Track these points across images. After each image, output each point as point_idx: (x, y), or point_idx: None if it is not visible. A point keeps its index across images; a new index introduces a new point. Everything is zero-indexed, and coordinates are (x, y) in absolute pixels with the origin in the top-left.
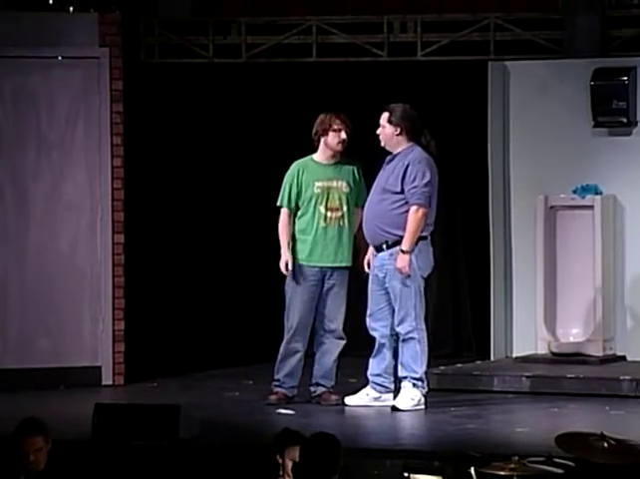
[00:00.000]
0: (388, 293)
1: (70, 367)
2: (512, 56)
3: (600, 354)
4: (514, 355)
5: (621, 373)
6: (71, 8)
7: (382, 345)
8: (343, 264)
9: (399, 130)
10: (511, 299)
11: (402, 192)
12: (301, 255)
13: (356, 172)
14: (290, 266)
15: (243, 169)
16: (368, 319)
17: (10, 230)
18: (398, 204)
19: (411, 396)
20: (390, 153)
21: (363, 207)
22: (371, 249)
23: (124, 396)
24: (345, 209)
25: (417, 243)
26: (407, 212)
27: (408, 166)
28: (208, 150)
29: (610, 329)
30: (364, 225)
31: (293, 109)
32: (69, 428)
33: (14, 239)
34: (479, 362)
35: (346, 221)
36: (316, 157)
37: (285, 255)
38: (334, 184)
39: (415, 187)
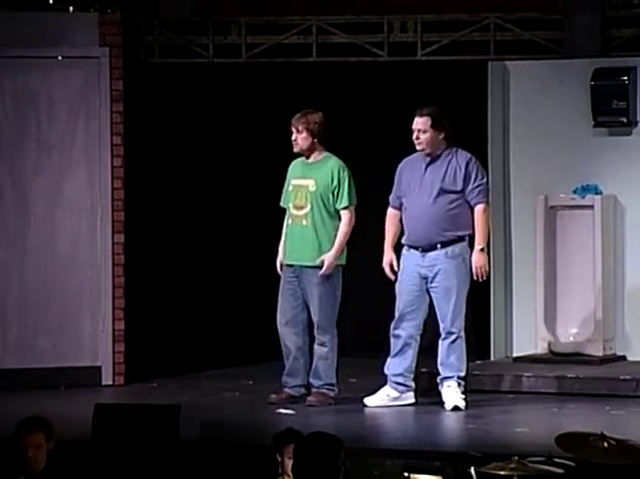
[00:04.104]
0: (425, 294)
1: (70, 367)
2: (512, 56)
3: (600, 354)
4: (514, 355)
5: (621, 373)
6: (71, 8)
7: (407, 345)
8: (305, 264)
9: (443, 134)
10: (511, 299)
11: (461, 191)
12: (280, 253)
13: (333, 171)
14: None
15: (243, 169)
16: (396, 320)
17: (10, 230)
18: (455, 203)
19: (461, 395)
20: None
21: (346, 208)
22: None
23: (124, 396)
24: (309, 207)
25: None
26: (464, 211)
27: (468, 164)
28: (208, 150)
29: (610, 329)
30: (411, 227)
31: (293, 109)
32: (69, 428)
33: (14, 240)
34: (479, 362)
35: (309, 220)
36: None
37: (279, 255)
38: (303, 182)
39: (479, 185)
